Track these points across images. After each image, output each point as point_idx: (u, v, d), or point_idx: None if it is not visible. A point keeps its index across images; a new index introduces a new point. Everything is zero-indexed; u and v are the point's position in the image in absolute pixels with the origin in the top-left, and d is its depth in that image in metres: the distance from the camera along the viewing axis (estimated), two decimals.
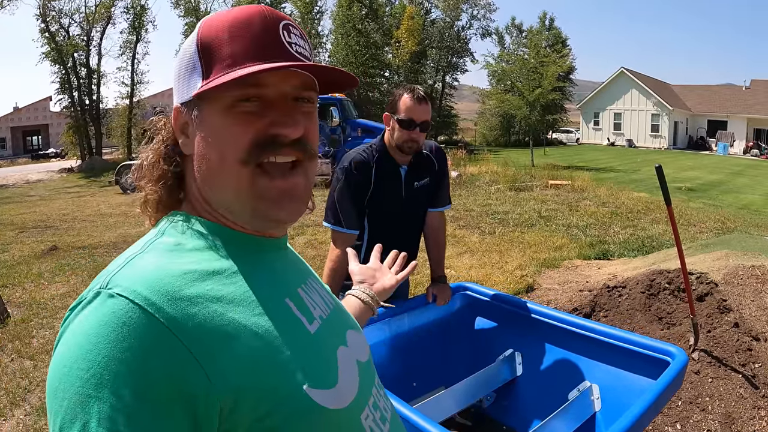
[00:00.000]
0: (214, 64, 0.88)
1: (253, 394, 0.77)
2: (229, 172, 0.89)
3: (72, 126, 38.34)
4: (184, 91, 0.93)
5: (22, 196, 21.44)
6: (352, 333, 1.08)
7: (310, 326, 0.93)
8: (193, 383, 0.72)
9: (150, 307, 0.73)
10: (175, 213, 0.95)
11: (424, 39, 48.85)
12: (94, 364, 0.69)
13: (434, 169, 3.14)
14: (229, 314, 0.80)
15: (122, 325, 0.71)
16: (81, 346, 0.71)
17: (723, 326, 4.05)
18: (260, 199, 0.90)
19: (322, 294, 1.06)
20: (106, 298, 0.74)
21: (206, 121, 0.90)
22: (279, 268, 0.98)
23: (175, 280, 0.79)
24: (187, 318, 0.75)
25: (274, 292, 0.91)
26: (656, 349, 2.31)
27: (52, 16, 36.28)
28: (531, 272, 7.58)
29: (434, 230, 3.27)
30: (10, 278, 8.27)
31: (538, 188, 17.04)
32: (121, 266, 0.81)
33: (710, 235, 9.92)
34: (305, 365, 0.86)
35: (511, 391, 2.90)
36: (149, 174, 0.96)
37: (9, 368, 5.11)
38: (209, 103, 0.89)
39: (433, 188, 3.17)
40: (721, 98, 49.55)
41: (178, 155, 0.97)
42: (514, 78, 30.14)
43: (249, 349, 0.79)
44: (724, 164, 31.03)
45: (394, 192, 3.00)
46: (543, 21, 56.75)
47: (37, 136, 64.65)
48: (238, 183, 0.89)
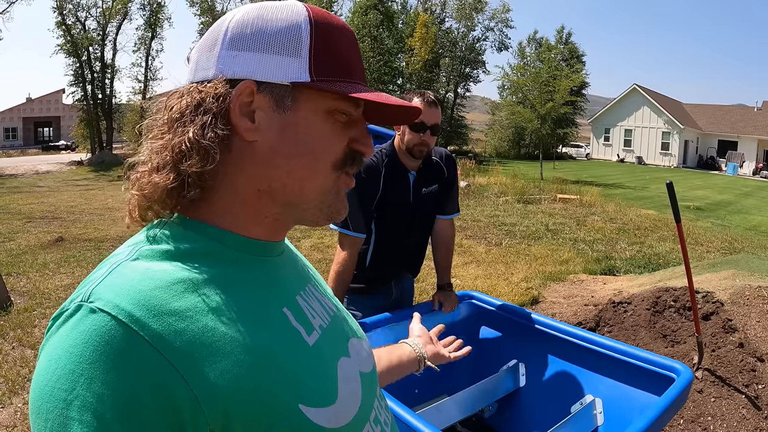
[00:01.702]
0: (326, 60, 0.83)
1: (245, 415, 0.72)
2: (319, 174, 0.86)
3: (84, 119, 38.47)
4: (270, 69, 0.82)
5: (30, 187, 21.53)
6: (355, 342, 1.02)
7: (308, 338, 0.86)
8: (179, 405, 0.67)
9: (134, 323, 0.67)
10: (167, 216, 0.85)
11: (438, 48, 48.86)
12: (77, 385, 0.65)
13: (443, 177, 3.13)
14: (220, 328, 0.74)
15: (105, 343, 0.66)
16: (63, 366, 0.66)
17: (728, 346, 4.03)
18: (339, 197, 0.91)
19: (322, 301, 0.99)
20: (87, 313, 0.69)
21: (303, 116, 0.84)
22: (277, 275, 0.91)
23: (163, 292, 0.72)
24: (174, 334, 0.69)
25: (271, 301, 0.85)
26: (661, 365, 2.29)
27: (69, 9, 36.47)
28: (536, 285, 7.57)
29: (443, 238, 3.25)
30: (15, 267, 8.31)
31: (547, 202, 17.04)
32: (104, 275, 0.74)
33: (717, 254, 9.88)
34: (301, 382, 0.80)
35: (514, 402, 2.88)
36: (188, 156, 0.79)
37: (10, 356, 5.13)
38: (311, 99, 0.84)
39: (442, 195, 3.15)
40: (733, 118, 49.41)
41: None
42: (527, 91, 30.10)
43: (241, 366, 0.73)
44: (734, 185, 30.94)
45: (402, 197, 2.99)
46: (560, 35, 56.75)
47: (48, 127, 64.97)
48: (324, 184, 0.88)
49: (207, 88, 0.81)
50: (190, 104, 0.81)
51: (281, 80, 0.81)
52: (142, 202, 0.82)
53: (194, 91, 0.82)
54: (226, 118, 0.81)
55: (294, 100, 0.83)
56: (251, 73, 0.81)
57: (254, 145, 0.83)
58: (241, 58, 0.82)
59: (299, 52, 0.81)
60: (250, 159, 0.84)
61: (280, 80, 0.81)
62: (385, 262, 3.08)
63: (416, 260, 3.30)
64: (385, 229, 3.02)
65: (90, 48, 37.80)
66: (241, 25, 0.83)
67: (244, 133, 0.82)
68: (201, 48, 0.86)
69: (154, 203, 0.82)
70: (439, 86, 51.83)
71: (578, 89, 45.17)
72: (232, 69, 0.82)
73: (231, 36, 0.83)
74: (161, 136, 0.82)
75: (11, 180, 24.13)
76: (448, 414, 2.57)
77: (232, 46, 0.82)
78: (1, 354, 5.19)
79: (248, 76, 0.81)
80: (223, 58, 0.82)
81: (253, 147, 0.83)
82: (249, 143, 0.83)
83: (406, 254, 3.20)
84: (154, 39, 40.61)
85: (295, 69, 0.81)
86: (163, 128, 0.83)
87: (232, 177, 0.84)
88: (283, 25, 0.82)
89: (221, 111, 0.80)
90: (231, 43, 0.82)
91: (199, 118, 0.80)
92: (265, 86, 0.81)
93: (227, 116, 0.81)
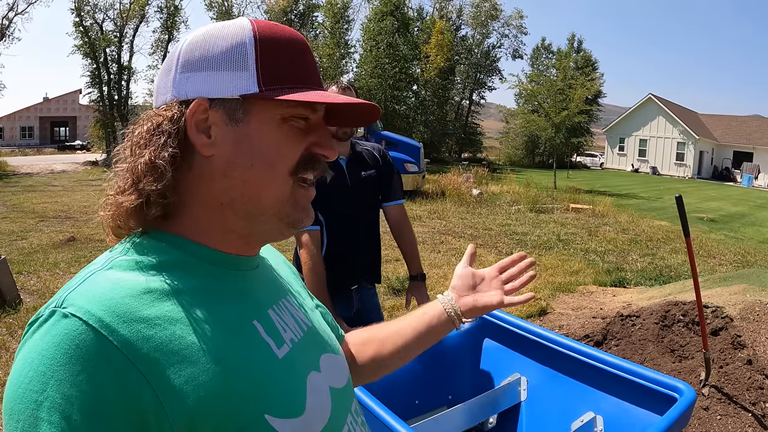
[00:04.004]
0: (273, 70, 0.86)
1: (210, 422, 0.75)
2: (276, 182, 0.88)
3: (99, 120, 38.71)
4: (219, 85, 0.85)
5: (45, 186, 21.68)
6: (328, 357, 1.03)
7: (278, 350, 0.89)
8: (145, 408, 0.70)
9: (103, 329, 0.71)
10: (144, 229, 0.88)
11: (453, 55, 48.86)
12: (47, 387, 0.68)
13: (379, 164, 3.28)
14: (188, 337, 0.77)
15: (75, 347, 0.69)
16: (35, 368, 0.69)
17: (736, 362, 3.98)
18: (297, 207, 0.91)
19: (296, 315, 1.02)
20: (60, 318, 0.72)
21: (255, 127, 0.86)
22: (249, 289, 0.94)
23: (133, 300, 0.75)
24: (142, 341, 0.73)
25: (242, 314, 0.88)
26: (664, 384, 2.26)
27: (87, 11, 36.76)
28: (545, 295, 7.52)
29: (396, 224, 3.36)
30: (27, 265, 8.38)
31: (559, 211, 16.97)
32: (78, 283, 0.78)
33: (730, 268, 9.80)
34: (268, 392, 0.82)
35: (514, 417, 2.86)
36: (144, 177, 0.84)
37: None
38: (262, 109, 0.86)
39: (384, 183, 3.29)
40: (748, 129, 49.05)
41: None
42: (542, 99, 30.03)
43: (207, 374, 0.76)
44: (748, 196, 30.69)
45: (339, 181, 3.08)
46: (571, 43, 56.64)
47: (64, 127, 65.65)
48: (281, 192, 0.89)
49: (164, 111, 0.86)
50: (150, 128, 0.86)
51: (231, 94, 0.85)
52: (112, 222, 0.88)
53: (154, 116, 0.87)
54: (184, 137, 0.85)
55: (245, 112, 0.86)
56: (204, 92, 0.86)
57: (212, 159, 0.87)
58: (193, 79, 0.86)
59: (246, 65, 0.85)
60: (209, 174, 0.87)
61: (230, 94, 0.85)
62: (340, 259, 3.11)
63: (371, 259, 3.38)
64: (332, 218, 3.09)
65: (107, 49, 38.06)
66: (191, 47, 0.88)
67: (202, 149, 0.86)
68: (160, 74, 0.92)
69: (122, 222, 0.87)
70: (454, 93, 51.89)
71: (593, 98, 45.07)
72: (186, 90, 0.86)
73: (183, 60, 0.87)
74: (125, 160, 0.88)
75: (26, 179, 24.32)
76: (447, 427, 2.55)
77: (185, 68, 0.87)
78: (8, 352, 5.24)
79: (201, 95, 0.85)
80: (178, 82, 0.87)
81: (211, 162, 0.87)
82: (207, 158, 0.87)
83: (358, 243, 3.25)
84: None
85: (244, 82, 0.85)
86: (126, 152, 0.88)
87: (197, 192, 0.88)
88: (230, 42, 0.86)
89: (177, 131, 0.85)
90: (183, 66, 0.87)
91: (155, 139, 0.84)
92: (217, 102, 0.85)
93: (185, 135, 0.86)
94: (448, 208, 16.30)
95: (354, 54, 43.87)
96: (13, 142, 60.26)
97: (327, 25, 42.95)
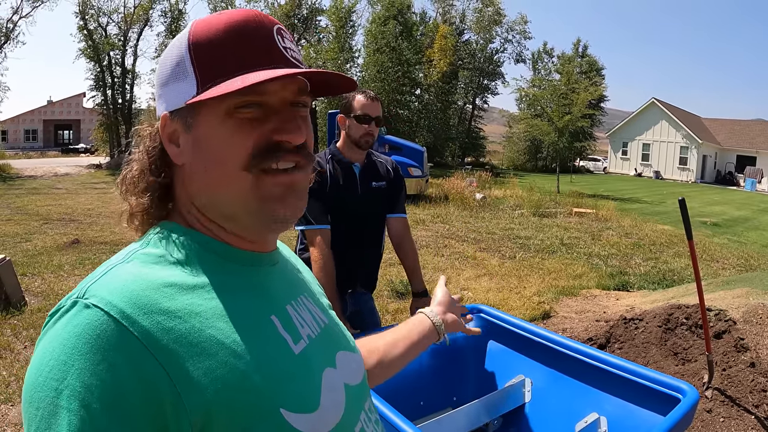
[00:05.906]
0: (210, 70, 0.85)
1: (226, 414, 0.76)
2: (231, 179, 0.87)
3: (103, 123, 38.70)
4: (172, 98, 0.89)
5: (49, 188, 21.70)
6: (344, 354, 1.04)
7: (295, 346, 0.90)
8: (163, 399, 0.72)
9: (124, 319, 0.72)
10: (165, 224, 0.92)
11: (456, 59, 48.82)
12: (67, 375, 0.69)
13: (390, 177, 3.35)
14: (207, 330, 0.79)
15: (96, 337, 0.71)
16: (56, 357, 0.71)
17: (739, 365, 3.99)
18: (265, 199, 0.88)
19: (314, 312, 1.03)
20: (81, 308, 0.74)
21: (202, 130, 0.87)
22: (267, 284, 0.95)
23: (154, 293, 0.77)
24: (162, 332, 0.74)
25: (260, 309, 0.89)
26: (667, 384, 2.27)
27: (91, 14, 36.80)
28: (549, 299, 7.53)
29: (398, 236, 3.41)
30: (31, 267, 8.39)
31: (562, 215, 16.97)
32: (100, 275, 0.80)
33: (733, 271, 9.79)
34: (284, 387, 0.84)
35: (518, 418, 2.87)
36: (133, 187, 0.93)
37: (22, 355, 5.19)
38: (205, 110, 0.86)
39: (393, 196, 3.35)
40: (752, 133, 49.01)
41: (166, 165, 0.93)
42: (545, 103, 30.03)
43: (225, 368, 0.77)
44: (752, 200, 30.64)
45: (350, 187, 3.16)
46: (576, 48, 56.63)
47: (68, 130, 65.83)
48: (241, 188, 0.87)
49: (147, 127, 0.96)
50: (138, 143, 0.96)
51: (179, 104, 0.88)
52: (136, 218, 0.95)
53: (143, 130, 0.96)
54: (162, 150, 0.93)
55: (194, 117, 0.88)
56: (166, 106, 0.91)
57: (183, 167, 0.91)
58: (162, 95, 0.92)
59: (186, 72, 0.87)
60: (183, 181, 0.93)
61: (179, 104, 0.88)
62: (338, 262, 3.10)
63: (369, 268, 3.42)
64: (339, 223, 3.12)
65: (111, 53, 38.06)
66: (159, 65, 0.94)
67: (174, 159, 0.91)
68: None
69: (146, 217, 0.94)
70: (457, 97, 51.83)
71: (596, 102, 45.03)
72: (158, 106, 0.93)
73: (156, 78, 0.94)
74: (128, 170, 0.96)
75: (30, 181, 24.34)
76: (452, 428, 2.56)
77: (158, 85, 0.93)
78: (13, 353, 5.26)
79: (165, 110, 0.91)
80: (157, 101, 0.94)
81: (183, 169, 0.92)
82: (180, 167, 0.92)
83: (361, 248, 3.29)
84: None
85: (187, 89, 0.87)
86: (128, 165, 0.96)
87: (181, 198, 0.94)
88: (175, 53, 0.90)
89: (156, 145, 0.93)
90: (157, 84, 0.93)
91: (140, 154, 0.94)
92: (174, 113, 0.90)
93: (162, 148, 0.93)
94: (452, 212, 16.32)
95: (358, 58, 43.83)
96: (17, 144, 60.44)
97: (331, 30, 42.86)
